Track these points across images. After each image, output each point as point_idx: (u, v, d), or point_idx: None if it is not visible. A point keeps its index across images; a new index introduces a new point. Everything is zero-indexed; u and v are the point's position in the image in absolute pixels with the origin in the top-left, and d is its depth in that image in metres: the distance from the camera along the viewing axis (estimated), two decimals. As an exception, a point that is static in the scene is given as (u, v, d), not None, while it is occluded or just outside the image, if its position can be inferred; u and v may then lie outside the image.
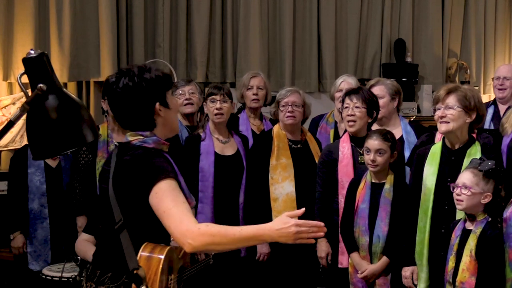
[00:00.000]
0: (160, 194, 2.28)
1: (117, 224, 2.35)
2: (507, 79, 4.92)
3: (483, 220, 3.17)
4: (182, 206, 2.27)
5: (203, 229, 2.20)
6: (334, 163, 3.99)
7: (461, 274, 3.14)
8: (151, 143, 2.44)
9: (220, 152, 4.15)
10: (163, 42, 5.96)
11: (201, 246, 2.20)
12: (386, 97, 4.21)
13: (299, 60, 6.60)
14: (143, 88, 2.42)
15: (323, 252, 4.04)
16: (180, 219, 2.22)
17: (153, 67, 2.50)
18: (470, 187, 3.14)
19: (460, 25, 7.41)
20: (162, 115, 2.48)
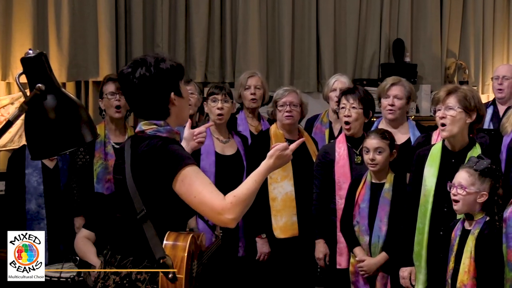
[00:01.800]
0: (187, 180, 2.36)
1: (139, 214, 2.40)
2: (506, 78, 4.92)
3: (481, 220, 3.17)
4: (210, 187, 2.37)
5: (233, 200, 2.35)
6: (330, 164, 4.00)
7: (462, 275, 3.13)
8: (164, 132, 2.49)
9: (220, 152, 4.15)
10: (161, 42, 5.95)
11: (239, 215, 2.38)
12: (404, 99, 4.18)
13: (298, 60, 6.59)
14: (160, 78, 2.48)
15: (320, 253, 4.05)
16: (211, 201, 2.33)
17: (166, 57, 2.55)
18: (465, 187, 3.15)
19: (459, 25, 7.41)
20: (176, 104, 2.54)
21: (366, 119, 4.02)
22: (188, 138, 3.06)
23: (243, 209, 2.39)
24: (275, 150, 2.57)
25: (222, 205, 2.33)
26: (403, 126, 4.22)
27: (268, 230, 4.17)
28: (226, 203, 2.34)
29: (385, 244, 3.70)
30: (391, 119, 4.18)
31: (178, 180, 2.37)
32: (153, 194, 2.44)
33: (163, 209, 2.46)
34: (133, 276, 2.42)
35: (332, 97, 4.68)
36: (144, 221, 2.39)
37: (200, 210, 2.38)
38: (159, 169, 2.40)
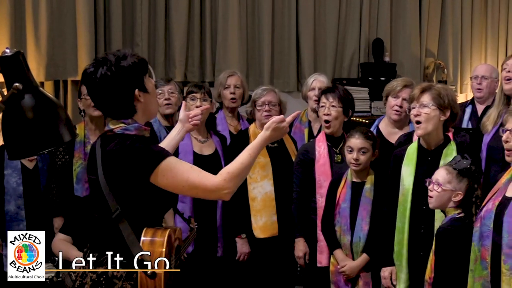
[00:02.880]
0: (169, 173, 2.38)
1: (114, 213, 2.41)
2: (485, 78, 4.95)
3: (449, 216, 3.20)
4: (195, 170, 2.42)
5: (227, 177, 2.41)
6: (311, 162, 4.00)
7: (428, 269, 3.20)
8: (133, 130, 2.48)
9: (198, 152, 4.14)
10: (141, 41, 5.93)
11: (234, 189, 2.44)
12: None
13: (278, 60, 6.60)
14: (122, 76, 2.45)
15: (300, 251, 4.05)
16: (202, 183, 2.38)
17: (128, 54, 2.51)
18: (441, 184, 3.18)
19: (437, 25, 7.46)
20: (142, 101, 2.52)
21: (346, 118, 4.03)
22: (184, 120, 3.07)
23: (237, 182, 2.45)
24: (271, 122, 2.61)
25: (214, 183, 2.39)
26: (405, 127, 4.24)
27: (248, 230, 4.17)
28: (219, 180, 2.39)
29: (366, 243, 3.71)
30: (396, 120, 4.20)
31: (158, 174, 2.38)
32: (127, 192, 2.43)
33: (138, 206, 2.46)
34: (109, 273, 2.41)
35: (311, 96, 4.69)
36: (119, 220, 2.40)
37: (193, 194, 2.48)
38: (132, 167, 2.39)
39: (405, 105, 4.11)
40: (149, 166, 2.38)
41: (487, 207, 3.11)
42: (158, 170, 2.37)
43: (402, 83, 4.22)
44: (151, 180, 2.39)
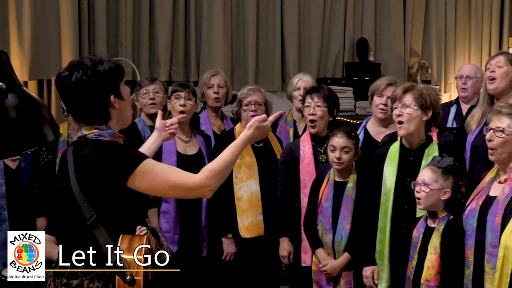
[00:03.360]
0: (148, 175, 2.34)
1: (89, 221, 2.35)
2: (470, 78, 4.97)
3: (445, 217, 3.21)
4: (174, 171, 2.41)
5: (209, 174, 2.39)
6: (295, 162, 4.00)
7: (426, 272, 3.16)
8: (107, 136, 2.43)
9: (182, 152, 4.13)
10: (125, 40, 5.91)
11: (216, 186, 2.41)
12: None
13: (263, 59, 6.60)
14: (98, 82, 2.40)
15: (285, 251, 4.05)
16: (182, 182, 2.36)
17: (105, 58, 2.46)
18: (428, 184, 3.19)
19: (422, 25, 7.49)
20: (117, 107, 2.47)
21: (331, 117, 4.04)
22: (160, 128, 3.04)
23: (219, 180, 2.42)
24: (254, 121, 2.61)
25: (196, 182, 2.36)
26: (392, 126, 4.25)
27: (234, 230, 4.16)
28: (201, 178, 2.37)
29: (348, 242, 3.71)
30: (382, 119, 4.21)
31: (136, 178, 2.34)
32: (103, 198, 2.38)
33: (114, 212, 2.41)
34: (85, 285, 2.37)
35: (296, 96, 4.69)
36: (95, 227, 2.35)
37: (174, 194, 2.46)
38: (108, 171, 2.34)
39: (390, 103, 4.13)
40: (126, 170, 2.34)
41: (470, 207, 3.13)
42: (136, 173, 2.33)
43: (387, 82, 4.23)
44: (128, 184, 2.35)
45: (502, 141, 3.03)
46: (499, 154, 3.06)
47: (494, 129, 3.06)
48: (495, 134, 3.05)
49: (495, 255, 2.89)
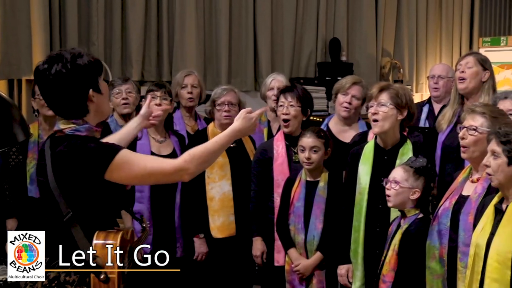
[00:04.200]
0: (125, 165, 2.36)
1: (65, 217, 2.36)
2: (442, 78, 5.01)
3: (413, 216, 3.24)
4: (151, 158, 2.52)
5: (187, 158, 2.42)
6: (269, 161, 4.00)
7: (384, 267, 3.23)
8: (84, 131, 2.44)
9: (156, 152, 4.11)
10: (97, 40, 5.86)
11: (195, 170, 2.44)
12: (360, 100, 4.23)
13: (235, 59, 6.60)
14: (77, 75, 2.41)
15: (258, 250, 4.05)
16: (160, 167, 2.40)
17: (84, 52, 2.47)
18: (399, 182, 3.22)
19: (393, 25, 7.55)
20: (95, 101, 2.48)
21: (304, 117, 4.05)
22: (145, 116, 3.05)
23: (199, 164, 2.44)
24: (241, 112, 2.66)
25: (173, 166, 2.39)
26: (354, 125, 4.27)
27: (205, 230, 4.16)
28: (180, 161, 2.40)
29: (320, 242, 3.73)
30: (345, 117, 4.23)
31: (113, 169, 2.35)
32: (79, 194, 2.39)
33: (91, 208, 2.42)
34: (61, 279, 2.36)
35: (270, 95, 4.70)
36: (71, 223, 2.36)
37: (153, 180, 2.50)
38: (84, 166, 2.35)
39: (354, 102, 4.17)
40: (103, 163, 2.35)
41: (444, 206, 3.16)
42: (113, 164, 2.35)
43: (351, 81, 4.27)
44: (106, 177, 2.36)
45: (475, 139, 3.06)
46: (471, 153, 3.09)
47: (467, 128, 3.09)
48: (468, 133, 3.08)
49: (468, 254, 2.92)
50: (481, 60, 4.14)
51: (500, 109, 3.33)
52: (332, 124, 4.33)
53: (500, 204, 2.80)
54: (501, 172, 2.73)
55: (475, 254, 2.79)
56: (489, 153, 2.79)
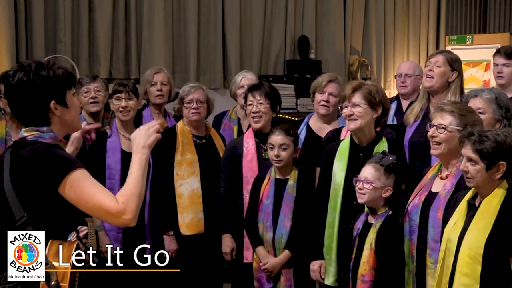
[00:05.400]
0: (77, 185, 2.29)
1: (18, 222, 2.31)
2: (409, 76, 5.05)
3: (384, 213, 3.25)
4: (102, 190, 2.33)
5: (124, 200, 2.31)
6: (238, 158, 4.00)
7: (362, 266, 3.21)
8: (48, 138, 2.39)
9: (127, 149, 4.08)
10: (64, 37, 5.80)
11: (136, 212, 2.34)
12: (338, 97, 4.23)
13: (204, 56, 6.59)
14: (37, 85, 2.37)
15: (227, 247, 4.05)
16: (106, 205, 2.29)
17: (56, 65, 2.44)
18: (371, 181, 3.22)
19: (362, 23, 7.60)
20: (58, 114, 2.43)
21: (274, 113, 4.05)
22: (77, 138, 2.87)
23: (137, 203, 2.35)
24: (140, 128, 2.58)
25: (116, 208, 2.29)
26: (334, 122, 4.28)
27: (175, 227, 4.14)
28: (120, 205, 2.30)
29: (288, 240, 3.73)
30: (324, 115, 4.23)
31: (66, 185, 2.29)
32: (35, 200, 2.34)
33: (47, 215, 2.37)
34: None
35: (240, 94, 4.68)
36: (24, 228, 2.31)
37: (96, 214, 2.35)
38: (42, 174, 2.30)
39: (331, 99, 4.17)
40: (59, 175, 2.29)
41: (413, 202, 3.19)
42: (67, 180, 2.29)
43: (327, 78, 4.27)
44: (59, 191, 2.30)
45: (445, 137, 3.09)
46: (441, 149, 3.12)
47: (437, 126, 3.12)
48: (437, 131, 3.11)
49: (437, 250, 2.95)
50: (451, 60, 4.15)
51: (468, 106, 3.36)
52: (312, 122, 4.34)
53: (473, 200, 2.84)
54: (480, 177, 2.76)
55: (447, 249, 2.82)
56: (465, 159, 2.80)
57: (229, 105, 5.04)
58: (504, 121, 3.47)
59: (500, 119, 3.46)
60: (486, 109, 3.46)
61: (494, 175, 2.75)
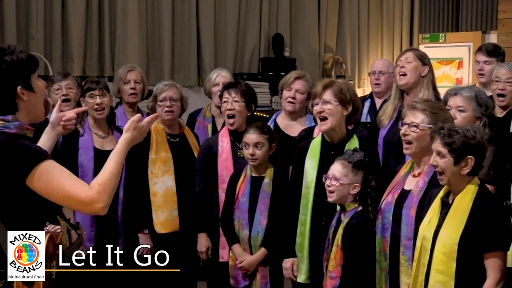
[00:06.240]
0: (45, 177, 2.25)
1: None
2: (383, 73, 5.08)
3: (352, 210, 3.28)
4: (71, 179, 2.30)
5: (100, 189, 2.29)
6: (213, 157, 4.00)
7: (330, 263, 3.25)
8: (13, 128, 2.34)
9: (99, 147, 4.07)
10: (37, 34, 5.75)
11: (109, 201, 2.32)
12: (305, 94, 4.24)
13: (178, 54, 6.56)
14: (3, 71, 2.33)
15: (203, 246, 4.04)
16: (77, 193, 2.26)
17: (17, 49, 2.39)
18: (339, 178, 3.24)
19: (336, 21, 7.63)
20: (25, 99, 2.38)
21: (249, 112, 4.05)
22: (55, 122, 2.89)
23: (111, 193, 2.34)
24: (131, 122, 2.57)
25: (89, 196, 2.27)
26: (301, 119, 4.29)
27: (150, 225, 4.13)
28: (93, 193, 2.28)
29: (264, 237, 3.74)
30: (291, 112, 4.25)
31: (34, 177, 2.26)
32: (2, 193, 2.29)
33: (15, 208, 2.33)
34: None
35: (215, 91, 4.67)
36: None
37: (67, 204, 2.33)
38: (8, 166, 2.26)
39: (298, 96, 4.20)
40: (26, 166, 2.25)
41: (386, 200, 3.21)
42: (36, 172, 2.25)
43: (294, 75, 4.30)
44: (27, 183, 2.26)
45: (416, 136, 3.12)
46: (413, 149, 3.15)
47: (409, 124, 3.15)
48: (409, 129, 3.13)
49: (410, 247, 2.98)
50: (420, 56, 4.21)
51: (440, 104, 3.39)
52: (279, 120, 4.35)
53: (446, 197, 2.86)
54: (449, 171, 2.79)
55: (422, 247, 2.84)
56: (435, 153, 2.84)
57: (204, 103, 5.03)
58: (484, 118, 3.50)
59: (480, 117, 3.49)
60: (467, 107, 3.49)
61: (462, 170, 2.77)
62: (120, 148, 2.50)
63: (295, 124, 4.26)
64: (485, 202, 2.75)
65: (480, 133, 2.81)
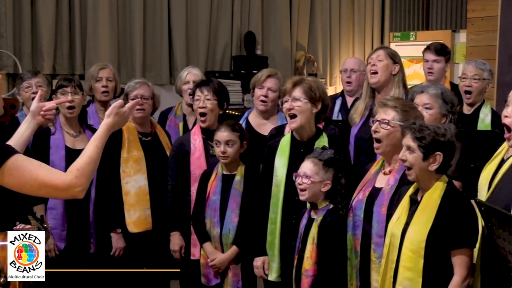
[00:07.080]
0: (16, 171, 2.25)
1: None
2: (354, 71, 5.10)
3: (324, 208, 3.29)
4: (44, 168, 2.30)
5: (78, 174, 2.32)
6: (186, 155, 3.99)
7: (305, 261, 3.25)
8: None
9: (71, 146, 4.04)
10: (5, 32, 5.68)
11: (87, 185, 2.35)
12: (277, 92, 4.23)
13: (150, 52, 6.54)
14: None
15: (176, 245, 4.04)
16: (52, 181, 2.27)
17: None
18: (310, 176, 3.26)
19: (307, 19, 7.66)
20: None
21: (221, 110, 4.05)
22: (35, 112, 2.92)
23: (89, 177, 2.37)
24: (112, 107, 2.56)
25: (66, 181, 2.29)
26: (273, 117, 4.30)
27: (122, 224, 4.11)
28: (71, 177, 2.30)
29: (236, 235, 3.74)
30: (263, 111, 4.25)
31: (4, 174, 2.25)
32: None
33: None
34: None
35: (186, 89, 4.67)
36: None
37: (43, 193, 2.33)
38: None
39: (270, 94, 4.20)
40: None
41: (358, 198, 3.23)
42: (4, 169, 2.25)
43: (266, 73, 4.31)
44: None
45: (387, 133, 3.14)
46: (384, 146, 3.17)
47: (380, 121, 3.17)
48: (380, 126, 3.16)
49: (381, 244, 3.00)
50: (391, 54, 4.25)
51: (410, 102, 3.42)
52: (251, 118, 4.36)
53: (415, 195, 2.89)
54: (417, 166, 2.82)
55: (390, 244, 2.86)
56: (405, 147, 2.86)
57: (176, 101, 5.02)
58: (449, 116, 3.53)
59: (446, 114, 3.53)
60: (433, 104, 3.52)
61: (430, 166, 2.80)
62: (101, 133, 2.50)
63: (267, 122, 4.27)
64: (452, 199, 2.78)
65: (450, 131, 2.85)
